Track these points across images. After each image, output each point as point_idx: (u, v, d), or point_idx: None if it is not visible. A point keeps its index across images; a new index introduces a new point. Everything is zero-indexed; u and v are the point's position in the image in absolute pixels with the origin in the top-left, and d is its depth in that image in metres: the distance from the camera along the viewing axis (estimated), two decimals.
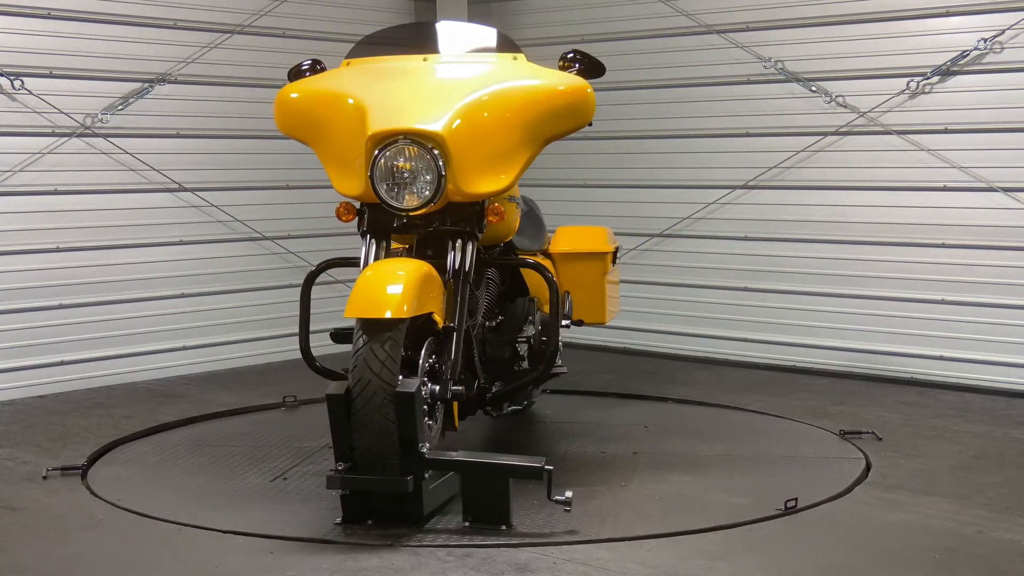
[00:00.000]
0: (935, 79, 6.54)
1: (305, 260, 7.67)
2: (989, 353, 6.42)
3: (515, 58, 4.83)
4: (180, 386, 6.79)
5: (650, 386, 6.62)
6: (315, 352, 4.92)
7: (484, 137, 4.44)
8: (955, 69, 6.46)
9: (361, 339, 4.07)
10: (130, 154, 6.91)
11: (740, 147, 7.33)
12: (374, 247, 4.53)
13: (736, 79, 7.30)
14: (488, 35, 4.98)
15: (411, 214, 4.42)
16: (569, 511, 4.13)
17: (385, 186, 4.36)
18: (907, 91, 6.62)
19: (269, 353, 7.50)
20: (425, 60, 4.79)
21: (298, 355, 6.40)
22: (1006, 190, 6.34)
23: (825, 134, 6.94)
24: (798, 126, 7.05)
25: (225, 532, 4.16)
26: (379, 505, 4.16)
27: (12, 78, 6.43)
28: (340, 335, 5.08)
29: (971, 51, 6.38)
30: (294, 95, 4.78)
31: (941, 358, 6.59)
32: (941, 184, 6.57)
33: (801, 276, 7.11)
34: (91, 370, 6.77)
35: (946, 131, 6.53)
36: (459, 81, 4.63)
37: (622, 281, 6.22)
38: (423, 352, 4.23)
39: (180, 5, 7.13)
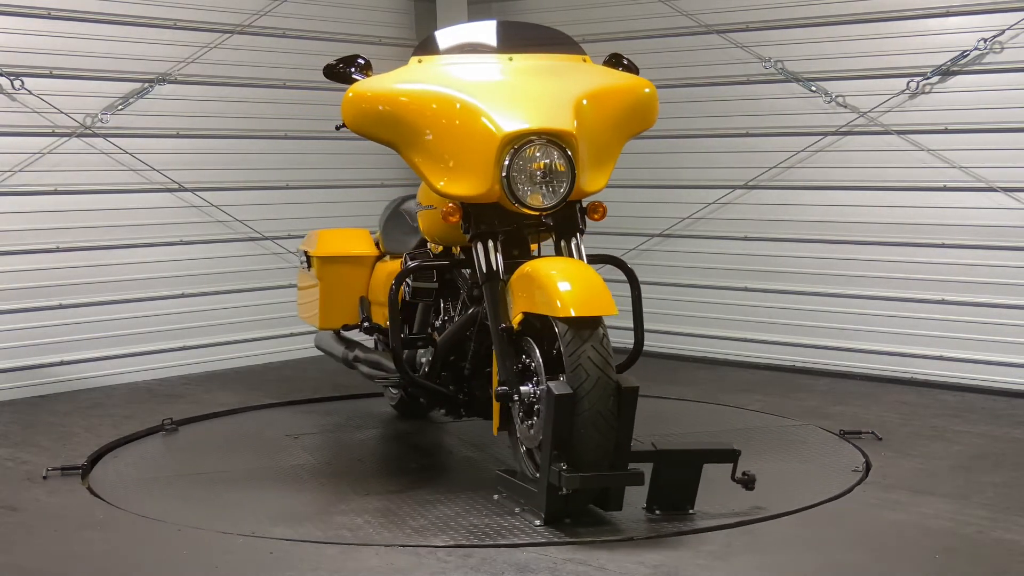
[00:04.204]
0: (935, 79, 6.54)
1: None
2: (989, 353, 6.42)
3: (584, 59, 4.87)
4: (180, 386, 6.79)
5: (648, 386, 6.62)
6: (295, 357, 4.90)
7: (593, 136, 4.51)
8: (955, 69, 6.46)
9: (575, 338, 4.06)
10: (130, 154, 6.90)
11: (740, 147, 7.33)
12: (492, 249, 4.50)
13: (736, 79, 7.30)
14: (556, 36, 4.99)
15: (544, 213, 4.45)
16: (753, 489, 4.24)
17: (522, 187, 4.37)
18: (907, 91, 6.62)
19: (269, 353, 7.50)
20: (511, 60, 4.77)
21: (298, 355, 6.46)
22: (1006, 190, 6.34)
23: (825, 134, 6.94)
24: (798, 126, 7.05)
25: (225, 532, 4.17)
26: (578, 502, 4.15)
27: (12, 78, 6.43)
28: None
29: (971, 51, 6.38)
30: (371, 94, 4.59)
31: (941, 358, 6.59)
32: (941, 184, 6.56)
33: (801, 276, 7.11)
34: (91, 370, 6.77)
35: (946, 131, 6.52)
36: (563, 81, 4.65)
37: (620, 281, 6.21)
38: None
39: (180, 5, 7.13)
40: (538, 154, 4.36)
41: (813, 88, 6.97)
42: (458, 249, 5.00)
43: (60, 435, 5.61)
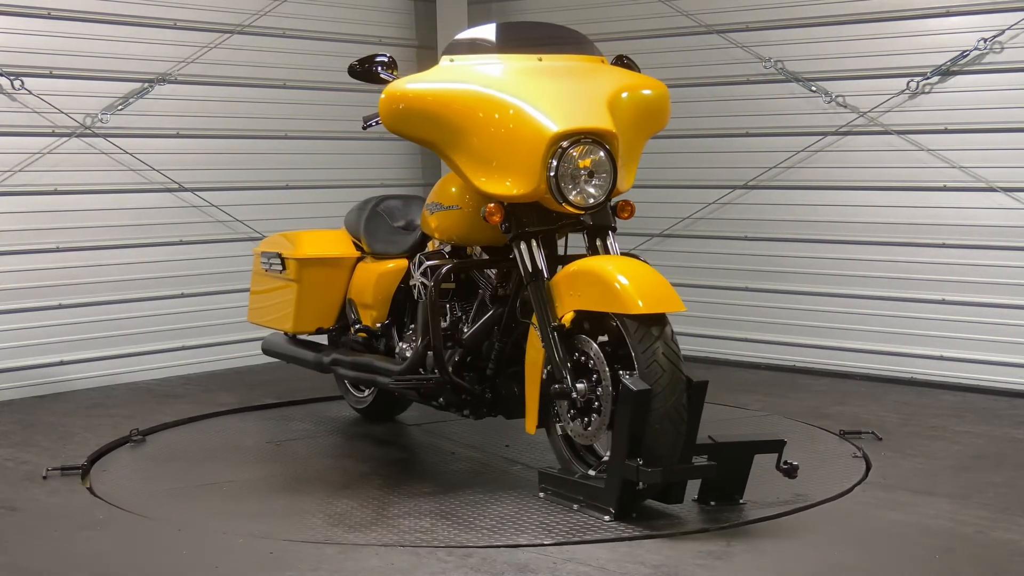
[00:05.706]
0: (935, 79, 6.54)
1: None
2: (989, 353, 6.42)
3: (602, 60, 4.91)
4: (180, 386, 6.79)
5: None
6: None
7: (625, 135, 4.56)
8: (955, 69, 6.46)
9: (647, 335, 4.10)
10: (130, 154, 6.91)
11: (740, 147, 7.33)
12: (535, 248, 4.50)
13: (736, 79, 7.30)
14: (576, 37, 5.01)
15: (585, 212, 4.49)
16: (796, 478, 4.32)
17: (569, 185, 4.41)
18: (907, 91, 6.62)
19: None
20: (540, 60, 4.78)
21: None
22: (1006, 190, 6.34)
23: (825, 134, 6.94)
24: (798, 126, 7.05)
25: (225, 532, 4.17)
26: (643, 496, 4.19)
27: (12, 78, 6.43)
28: None
29: (971, 51, 6.38)
30: (408, 94, 4.56)
31: (941, 358, 6.59)
32: (941, 184, 6.57)
33: (801, 276, 7.11)
34: (91, 370, 6.77)
35: (946, 131, 6.52)
36: (593, 82, 4.68)
37: None
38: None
39: (180, 5, 7.13)
40: (584, 153, 4.40)
41: (813, 88, 6.97)
42: (477, 249, 4.98)
43: (60, 435, 5.61)
